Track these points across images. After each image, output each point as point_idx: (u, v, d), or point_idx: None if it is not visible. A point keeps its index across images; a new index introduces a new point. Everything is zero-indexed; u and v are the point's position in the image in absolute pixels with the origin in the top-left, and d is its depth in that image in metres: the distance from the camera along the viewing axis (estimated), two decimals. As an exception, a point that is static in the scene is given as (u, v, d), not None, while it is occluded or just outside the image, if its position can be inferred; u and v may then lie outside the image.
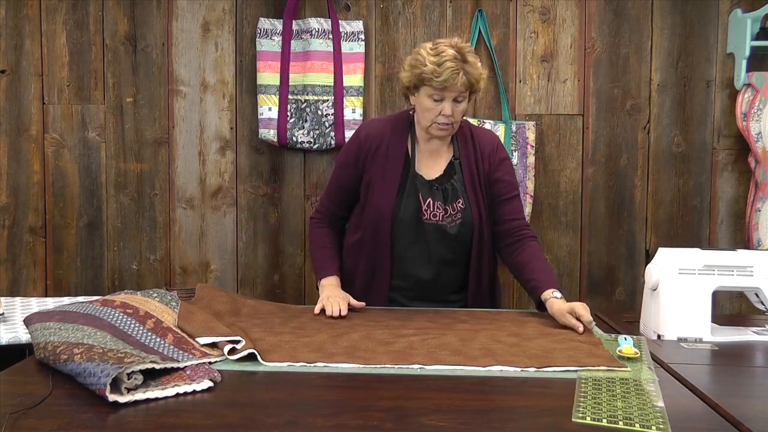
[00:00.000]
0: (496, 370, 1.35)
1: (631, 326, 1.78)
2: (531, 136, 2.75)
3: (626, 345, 1.45)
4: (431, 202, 1.91)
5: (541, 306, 1.80)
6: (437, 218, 1.91)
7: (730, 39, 2.75)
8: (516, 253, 1.94)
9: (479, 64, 1.86)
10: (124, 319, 1.45)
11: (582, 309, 1.66)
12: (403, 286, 1.95)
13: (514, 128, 2.74)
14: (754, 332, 1.69)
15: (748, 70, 2.68)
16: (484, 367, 1.36)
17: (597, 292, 2.86)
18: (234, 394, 1.22)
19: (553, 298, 1.75)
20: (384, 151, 1.94)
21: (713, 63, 2.79)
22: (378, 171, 1.94)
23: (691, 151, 2.82)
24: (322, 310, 1.79)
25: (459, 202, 1.92)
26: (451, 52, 1.80)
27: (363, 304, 1.85)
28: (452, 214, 1.91)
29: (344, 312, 1.76)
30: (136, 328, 1.43)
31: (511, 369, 1.35)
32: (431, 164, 1.96)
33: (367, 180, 1.96)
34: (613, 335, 1.63)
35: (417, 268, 1.94)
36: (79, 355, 1.21)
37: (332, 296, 1.83)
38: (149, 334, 1.42)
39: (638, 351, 1.44)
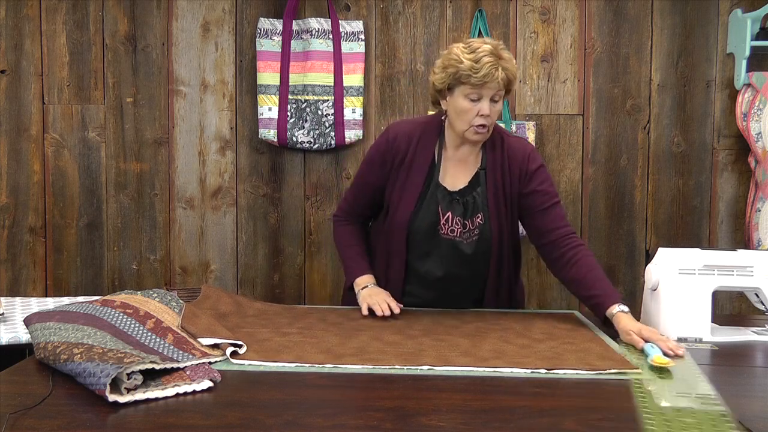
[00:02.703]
0: (506, 371, 1.35)
1: (631, 326, 1.77)
2: (531, 136, 2.75)
3: (656, 354, 1.40)
4: (450, 216, 1.83)
5: (607, 322, 1.69)
6: (455, 234, 1.84)
7: (730, 39, 2.75)
8: (568, 267, 1.81)
9: (514, 61, 1.78)
10: (124, 319, 1.44)
11: (648, 333, 1.54)
12: (417, 295, 1.91)
13: (514, 128, 2.74)
14: (754, 332, 1.69)
15: (748, 70, 2.68)
16: (493, 368, 1.36)
17: (597, 292, 2.85)
18: (234, 394, 1.22)
19: (620, 312, 1.64)
20: (410, 156, 1.86)
21: (713, 63, 2.79)
22: (401, 177, 1.87)
23: (691, 151, 2.82)
24: (371, 312, 1.76)
25: (478, 217, 1.84)
26: (486, 47, 1.73)
27: (400, 306, 1.80)
28: (470, 229, 1.84)
29: (396, 310, 1.75)
30: (136, 328, 1.43)
31: (521, 371, 1.35)
32: (457, 174, 1.87)
33: (392, 185, 1.88)
34: (622, 345, 1.62)
35: (431, 280, 1.89)
36: (78, 355, 1.21)
37: (374, 295, 1.80)
38: (149, 334, 1.42)
39: (669, 360, 1.38)
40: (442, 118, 1.89)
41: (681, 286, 1.64)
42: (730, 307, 2.79)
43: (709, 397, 1.20)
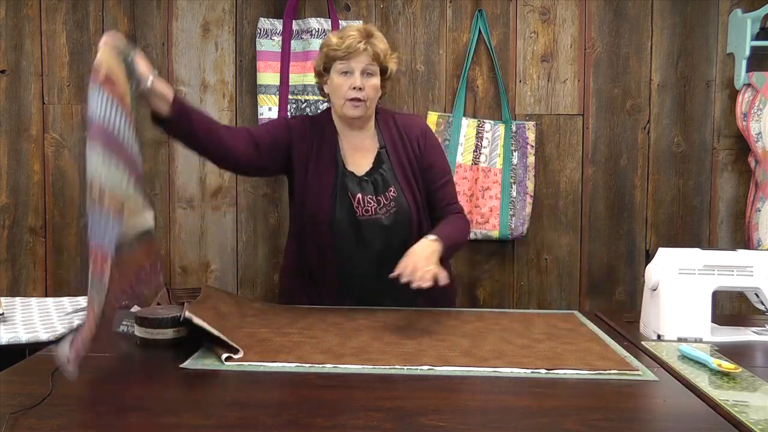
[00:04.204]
0: (506, 371, 1.35)
1: (631, 326, 1.78)
2: (531, 136, 2.75)
3: (715, 359, 1.37)
4: (361, 197, 1.89)
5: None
6: (370, 212, 1.90)
7: (730, 39, 2.75)
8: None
9: (385, 42, 1.92)
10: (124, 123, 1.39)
11: (423, 264, 1.65)
12: (351, 286, 1.94)
13: (514, 128, 2.74)
14: (754, 332, 1.69)
15: (748, 70, 2.68)
16: (493, 368, 1.36)
17: (597, 292, 2.85)
18: (234, 394, 1.22)
19: (425, 239, 1.76)
20: (316, 151, 1.93)
21: (713, 63, 2.79)
22: (311, 174, 1.92)
23: (691, 151, 2.82)
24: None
25: (390, 190, 1.91)
26: (354, 26, 1.90)
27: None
28: (385, 204, 1.90)
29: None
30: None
31: (521, 371, 1.35)
32: (359, 160, 1.95)
33: (301, 181, 1.93)
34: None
35: (360, 266, 1.92)
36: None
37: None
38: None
39: (735, 365, 1.36)
40: (330, 108, 1.98)
41: (681, 286, 1.64)
42: (730, 307, 2.79)
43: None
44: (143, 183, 1.42)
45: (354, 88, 1.85)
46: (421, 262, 1.67)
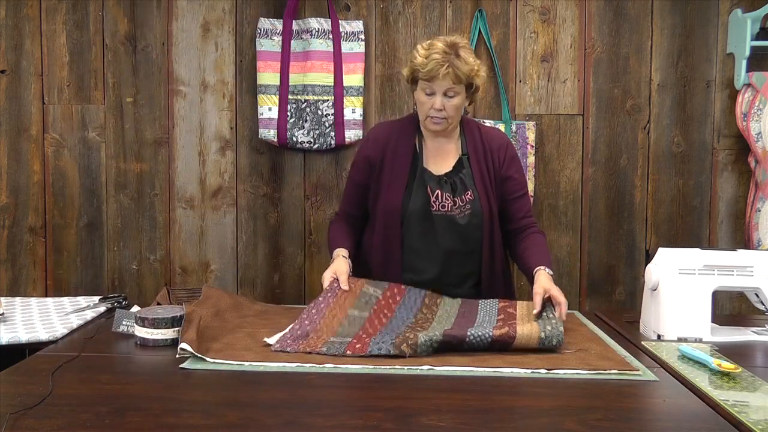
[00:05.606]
0: (506, 371, 1.35)
1: (631, 326, 1.78)
2: (531, 136, 2.75)
3: (716, 360, 1.37)
4: (440, 193, 1.94)
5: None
6: (446, 209, 1.93)
7: (730, 39, 2.75)
8: (519, 244, 1.99)
9: (472, 59, 1.88)
10: None
11: (556, 293, 1.69)
12: (415, 280, 1.94)
13: (514, 128, 2.74)
14: (754, 332, 1.69)
15: (748, 70, 2.68)
16: (494, 368, 1.36)
17: (597, 292, 2.85)
18: (234, 394, 1.22)
19: (541, 270, 1.79)
20: (392, 150, 1.98)
21: (713, 63, 2.79)
22: (387, 170, 1.98)
23: (691, 151, 2.82)
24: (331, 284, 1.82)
25: (468, 193, 1.95)
26: (440, 45, 1.85)
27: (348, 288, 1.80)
28: (461, 206, 1.94)
29: (343, 286, 1.77)
30: None
31: (522, 371, 1.35)
32: (439, 161, 1.99)
33: (377, 179, 2.00)
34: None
35: (427, 260, 1.95)
36: None
37: (331, 268, 1.85)
38: None
39: (735, 365, 1.36)
40: (416, 112, 2.01)
41: (681, 286, 1.64)
42: (730, 307, 2.79)
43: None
44: None
45: (434, 108, 1.88)
46: (561, 296, 1.71)
